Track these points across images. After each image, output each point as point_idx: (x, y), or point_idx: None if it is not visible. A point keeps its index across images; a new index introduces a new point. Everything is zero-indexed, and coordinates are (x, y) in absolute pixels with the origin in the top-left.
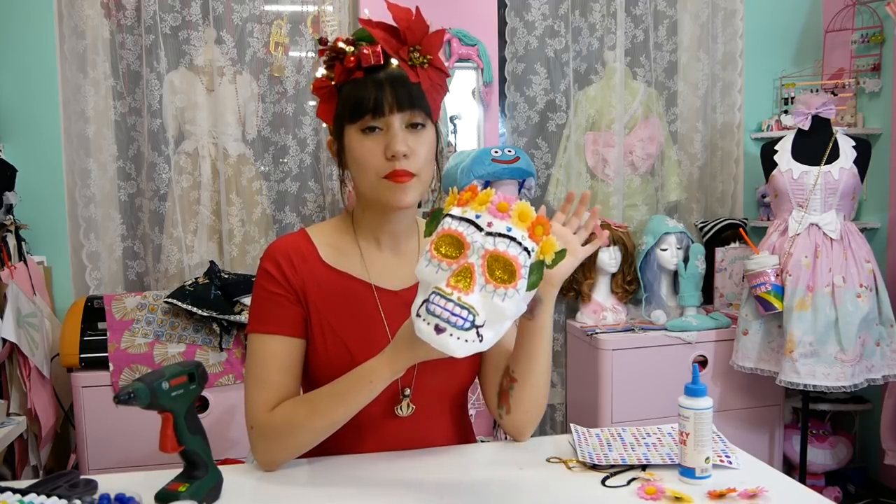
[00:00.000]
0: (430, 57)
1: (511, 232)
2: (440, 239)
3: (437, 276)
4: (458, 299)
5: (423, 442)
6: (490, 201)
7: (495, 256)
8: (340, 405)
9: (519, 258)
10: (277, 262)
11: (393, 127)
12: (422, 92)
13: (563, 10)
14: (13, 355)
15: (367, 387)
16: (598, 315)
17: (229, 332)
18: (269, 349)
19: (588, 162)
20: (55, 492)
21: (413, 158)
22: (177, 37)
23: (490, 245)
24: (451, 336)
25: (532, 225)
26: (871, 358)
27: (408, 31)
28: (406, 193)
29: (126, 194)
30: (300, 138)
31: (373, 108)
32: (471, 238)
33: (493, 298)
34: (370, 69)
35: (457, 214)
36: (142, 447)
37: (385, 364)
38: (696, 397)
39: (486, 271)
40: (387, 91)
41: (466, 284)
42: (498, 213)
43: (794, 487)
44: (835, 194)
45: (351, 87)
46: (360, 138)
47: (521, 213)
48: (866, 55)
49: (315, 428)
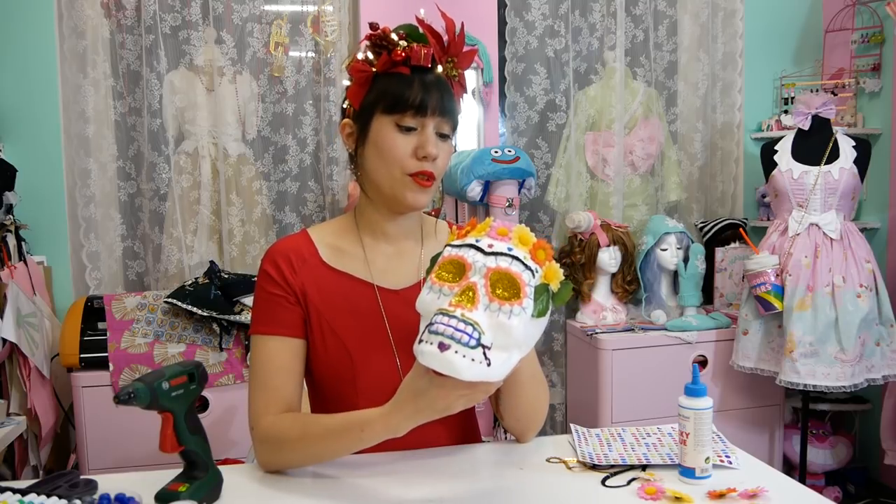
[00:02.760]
0: (460, 71)
1: (512, 251)
2: (440, 267)
3: (440, 300)
4: (461, 315)
5: (427, 443)
6: (490, 227)
7: (498, 273)
8: (329, 441)
9: (523, 275)
10: (276, 264)
11: (428, 129)
12: (454, 103)
13: (563, 10)
14: (13, 355)
15: (357, 436)
16: (598, 315)
17: (229, 332)
18: (270, 350)
19: (588, 162)
20: (55, 492)
21: (437, 163)
22: (177, 37)
23: (492, 263)
24: (455, 353)
25: (533, 247)
26: (871, 358)
27: (451, 43)
28: (425, 195)
29: (126, 194)
30: (300, 138)
31: (417, 107)
32: (472, 259)
33: (499, 316)
34: (416, 69)
35: (456, 244)
36: (142, 447)
37: (380, 418)
38: (696, 397)
39: (489, 290)
40: (433, 94)
41: (470, 301)
42: (498, 237)
43: (794, 487)
44: (835, 194)
45: (394, 80)
46: (394, 132)
47: (520, 237)
48: (866, 55)
49: (304, 453)
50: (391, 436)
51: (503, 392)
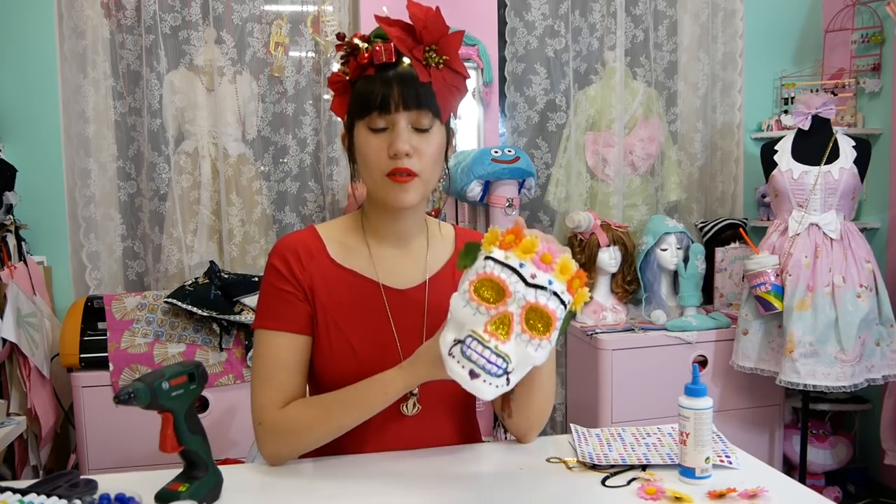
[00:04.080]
0: (446, 57)
1: (552, 286)
2: (480, 281)
3: (475, 318)
4: (495, 347)
5: (427, 442)
6: (535, 252)
7: (535, 309)
8: (354, 411)
9: (557, 312)
10: (286, 259)
11: (398, 126)
12: (431, 92)
13: (563, 10)
14: (13, 355)
15: (382, 397)
16: (598, 315)
17: (229, 332)
18: (276, 346)
19: (588, 162)
20: (55, 492)
21: (417, 158)
22: (177, 37)
23: (532, 297)
24: (483, 382)
25: (571, 278)
26: (871, 358)
27: (424, 31)
28: (406, 193)
29: (126, 194)
30: (300, 138)
31: (379, 106)
32: (513, 287)
33: (527, 348)
34: (382, 67)
35: (500, 259)
36: (142, 447)
37: (400, 377)
38: (696, 397)
39: (524, 322)
40: (394, 89)
41: (504, 333)
42: (542, 265)
43: (794, 487)
44: (835, 194)
45: (362, 83)
46: (367, 135)
47: (563, 267)
48: (866, 55)
49: (324, 431)
50: (407, 391)
51: (519, 389)
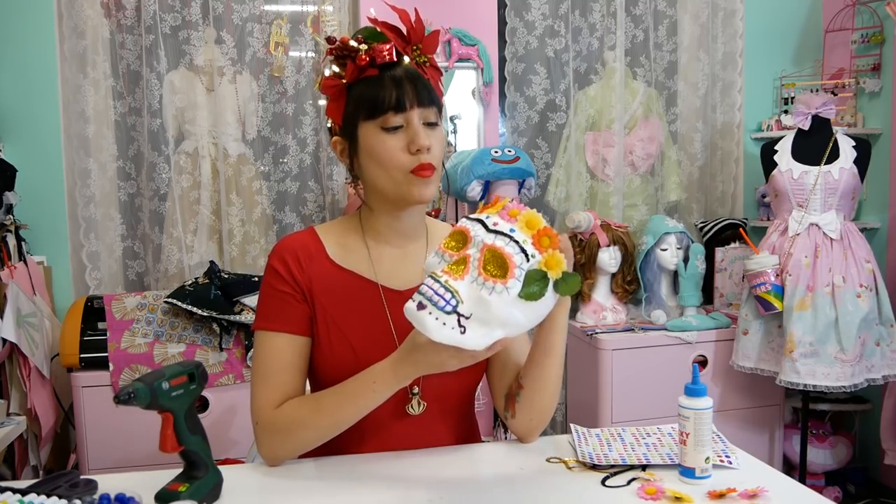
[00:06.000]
0: (429, 56)
1: (513, 234)
2: (450, 235)
3: (439, 265)
4: (445, 282)
5: (429, 441)
6: (504, 206)
7: (492, 251)
8: (345, 406)
9: (514, 258)
10: (285, 260)
11: (413, 122)
12: (432, 89)
13: (563, 10)
14: (13, 355)
15: (371, 389)
16: (598, 315)
17: (229, 332)
18: (275, 346)
19: (588, 162)
20: (55, 492)
21: (432, 153)
22: (177, 37)
23: (489, 240)
24: (429, 314)
25: (538, 233)
26: (871, 358)
27: (411, 31)
28: (429, 187)
29: (126, 194)
30: (300, 138)
31: (395, 105)
32: (474, 233)
33: (481, 291)
34: (384, 67)
35: (472, 217)
36: (142, 447)
37: (388, 370)
38: (696, 397)
39: (480, 265)
40: (406, 87)
41: (458, 272)
42: (506, 217)
43: (794, 487)
44: (835, 194)
45: (366, 84)
46: (381, 136)
47: (528, 220)
48: (866, 55)
49: (319, 427)
50: (399, 384)
51: (526, 388)
